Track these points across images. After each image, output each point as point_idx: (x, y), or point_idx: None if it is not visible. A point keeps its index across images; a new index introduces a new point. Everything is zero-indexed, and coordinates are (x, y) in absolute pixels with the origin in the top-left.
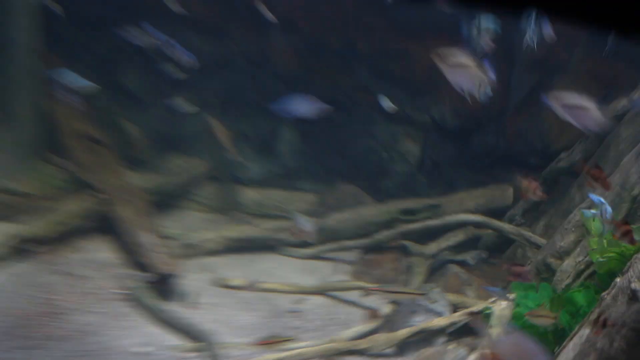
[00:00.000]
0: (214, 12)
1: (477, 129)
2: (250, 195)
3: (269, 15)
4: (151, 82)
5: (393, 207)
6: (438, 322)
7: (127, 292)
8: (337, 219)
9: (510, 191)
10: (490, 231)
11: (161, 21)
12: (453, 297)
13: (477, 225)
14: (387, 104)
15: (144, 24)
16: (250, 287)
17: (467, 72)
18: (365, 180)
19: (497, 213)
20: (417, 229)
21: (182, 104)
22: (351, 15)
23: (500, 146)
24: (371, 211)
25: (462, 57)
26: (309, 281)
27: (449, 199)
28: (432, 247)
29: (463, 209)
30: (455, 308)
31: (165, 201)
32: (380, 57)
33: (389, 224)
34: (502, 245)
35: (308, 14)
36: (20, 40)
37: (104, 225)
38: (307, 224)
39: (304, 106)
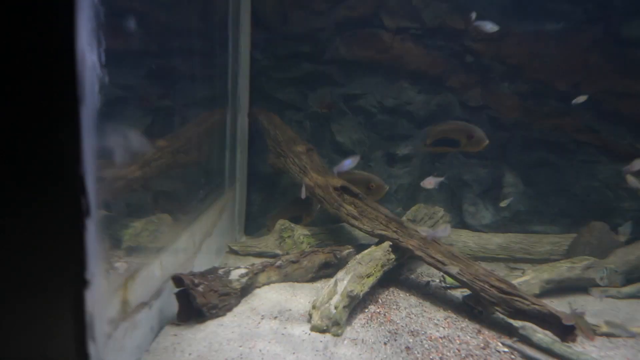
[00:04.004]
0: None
1: None
2: (491, 239)
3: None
4: (360, 137)
5: None
6: None
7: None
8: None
9: None
10: None
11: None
12: None
13: None
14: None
15: None
16: (625, 333)
17: None
18: (594, 220)
19: None
20: None
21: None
22: (579, 59)
23: None
24: None
25: None
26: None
27: None
28: None
29: None
30: None
31: None
32: (606, 98)
33: None
34: None
35: (535, 60)
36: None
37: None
38: None
39: None
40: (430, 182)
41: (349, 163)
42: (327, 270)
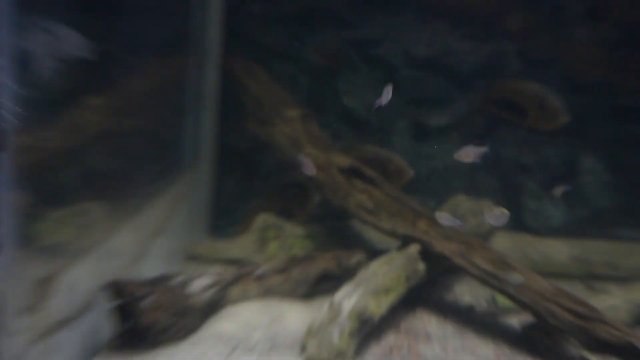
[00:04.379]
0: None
1: None
2: (561, 248)
3: None
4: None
5: None
6: None
7: None
8: None
9: None
10: None
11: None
12: None
13: None
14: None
15: None
16: None
17: None
18: None
19: None
20: None
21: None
22: None
23: None
24: None
25: None
26: None
27: None
28: None
29: None
30: None
31: None
32: None
33: None
34: None
35: None
36: None
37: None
38: None
39: None
40: (468, 154)
41: (387, 94)
42: (327, 284)
